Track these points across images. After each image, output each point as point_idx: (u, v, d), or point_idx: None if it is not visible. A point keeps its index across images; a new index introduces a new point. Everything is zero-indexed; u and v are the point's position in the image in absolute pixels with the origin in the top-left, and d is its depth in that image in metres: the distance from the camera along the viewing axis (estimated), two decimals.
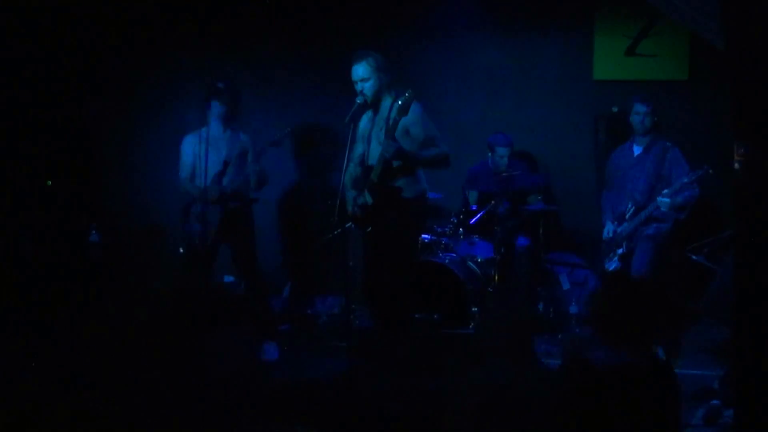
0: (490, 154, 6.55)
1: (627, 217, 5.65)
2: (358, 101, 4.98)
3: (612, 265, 5.71)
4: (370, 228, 5.00)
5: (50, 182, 7.22)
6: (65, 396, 4.39)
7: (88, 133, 7.71)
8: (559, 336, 6.08)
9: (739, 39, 3.13)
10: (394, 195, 4.88)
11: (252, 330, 5.68)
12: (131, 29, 7.50)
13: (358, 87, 4.95)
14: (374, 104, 5.00)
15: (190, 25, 7.46)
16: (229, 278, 6.98)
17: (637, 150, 5.75)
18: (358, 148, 5.14)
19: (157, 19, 7.46)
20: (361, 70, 4.94)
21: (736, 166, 3.11)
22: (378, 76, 4.94)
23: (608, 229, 5.79)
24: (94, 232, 6.65)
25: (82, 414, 4.17)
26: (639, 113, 5.62)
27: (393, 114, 4.76)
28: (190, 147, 5.73)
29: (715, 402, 4.36)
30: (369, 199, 4.92)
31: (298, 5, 7.31)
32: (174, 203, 6.18)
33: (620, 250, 5.66)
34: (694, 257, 5.97)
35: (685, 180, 5.38)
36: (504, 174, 6.30)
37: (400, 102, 4.71)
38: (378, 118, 4.99)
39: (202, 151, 5.54)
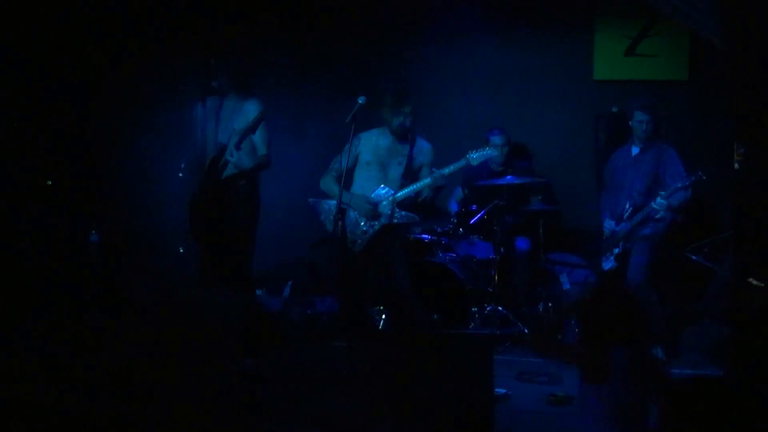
0: (488, 149, 6.56)
1: (625, 217, 5.66)
2: (360, 101, 5.13)
3: (608, 264, 5.72)
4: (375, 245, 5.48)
5: (50, 182, 7.22)
6: (64, 396, 4.39)
7: (88, 133, 7.71)
8: (559, 336, 6.06)
9: (739, 39, 3.13)
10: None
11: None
12: (132, 29, 7.50)
13: (407, 122, 5.52)
14: (404, 135, 5.56)
15: (191, 24, 7.46)
16: (258, 291, 6.97)
17: (635, 150, 5.78)
18: (344, 161, 5.35)
19: (158, 19, 7.46)
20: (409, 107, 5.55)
21: (736, 166, 3.11)
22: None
23: (607, 227, 5.80)
24: (94, 232, 6.64)
25: (81, 415, 4.17)
26: (642, 122, 5.67)
27: (421, 147, 5.62)
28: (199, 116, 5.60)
29: None
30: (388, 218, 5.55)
31: (299, 5, 7.32)
32: (174, 203, 6.18)
33: (616, 250, 5.67)
34: (694, 257, 5.97)
35: (679, 185, 5.41)
36: (500, 169, 6.36)
37: (475, 155, 5.60)
38: (398, 149, 5.58)
39: (201, 124, 5.48)
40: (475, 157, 5.57)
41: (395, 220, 5.47)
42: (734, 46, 3.14)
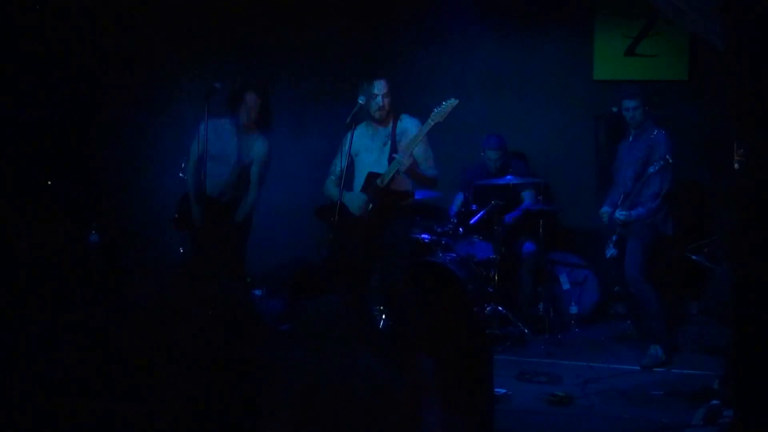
0: (482, 154, 6.58)
1: (618, 204, 5.67)
2: (360, 102, 5.17)
3: (609, 252, 5.73)
4: (361, 232, 5.24)
5: (50, 182, 7.22)
6: (64, 397, 4.39)
7: (88, 134, 7.71)
8: (559, 336, 6.08)
9: (739, 39, 3.13)
10: (403, 199, 5.29)
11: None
12: (131, 29, 7.50)
13: (379, 101, 5.23)
14: (382, 120, 5.30)
15: (191, 24, 7.46)
16: (257, 291, 6.99)
17: (630, 139, 5.80)
18: (342, 163, 5.31)
19: (158, 19, 7.46)
20: (383, 86, 5.25)
21: (736, 166, 3.11)
22: (392, 96, 5.29)
23: (604, 210, 5.80)
24: (94, 232, 6.65)
25: (80, 415, 4.17)
26: (628, 109, 5.72)
27: (405, 126, 5.28)
28: (202, 134, 5.56)
29: (715, 402, 4.36)
30: (369, 204, 5.21)
31: (298, 6, 7.32)
32: (174, 203, 6.18)
33: (614, 237, 5.67)
34: (694, 257, 5.97)
35: (650, 170, 5.43)
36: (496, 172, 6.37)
37: (438, 109, 5.07)
38: (380, 132, 5.32)
39: (203, 149, 5.50)
40: (438, 111, 5.11)
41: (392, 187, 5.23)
42: (734, 46, 3.14)
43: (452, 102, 5.07)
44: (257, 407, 3.98)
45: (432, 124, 5.07)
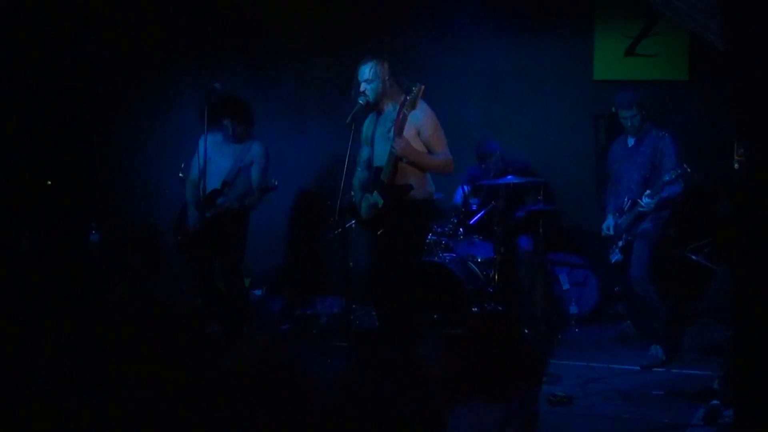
0: (483, 165, 6.58)
1: (625, 209, 5.66)
2: (360, 102, 4.98)
3: (614, 257, 5.72)
4: (380, 231, 4.94)
5: (50, 182, 7.23)
6: (64, 397, 4.38)
7: (88, 134, 7.72)
8: (559, 336, 6.08)
9: (739, 39, 3.13)
10: (404, 194, 4.83)
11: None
12: (131, 29, 7.50)
13: (361, 87, 4.95)
14: (377, 107, 5.02)
15: (191, 24, 7.46)
16: (257, 291, 7.00)
17: (630, 142, 5.77)
18: (364, 153, 5.13)
19: (158, 19, 7.46)
20: (366, 72, 4.94)
21: (736, 166, 3.11)
22: (382, 81, 4.94)
23: (608, 224, 5.79)
24: (94, 232, 6.65)
25: (80, 415, 4.17)
26: (626, 118, 5.68)
27: (417, 121, 4.85)
28: (202, 148, 5.60)
29: (715, 402, 4.37)
30: (379, 201, 4.88)
31: (299, 5, 7.32)
32: (174, 203, 6.19)
33: (620, 242, 5.66)
34: (694, 257, 5.97)
35: (666, 178, 5.39)
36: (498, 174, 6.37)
37: (408, 97, 4.76)
38: (382, 119, 5.00)
39: (203, 156, 5.52)
40: (408, 101, 4.76)
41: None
42: (734, 46, 3.14)
43: (419, 87, 4.76)
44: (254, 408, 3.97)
45: (407, 113, 4.76)
